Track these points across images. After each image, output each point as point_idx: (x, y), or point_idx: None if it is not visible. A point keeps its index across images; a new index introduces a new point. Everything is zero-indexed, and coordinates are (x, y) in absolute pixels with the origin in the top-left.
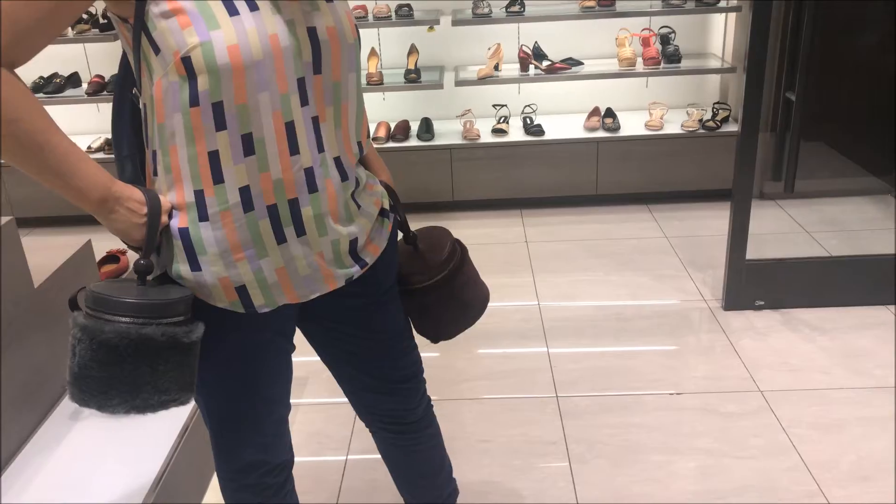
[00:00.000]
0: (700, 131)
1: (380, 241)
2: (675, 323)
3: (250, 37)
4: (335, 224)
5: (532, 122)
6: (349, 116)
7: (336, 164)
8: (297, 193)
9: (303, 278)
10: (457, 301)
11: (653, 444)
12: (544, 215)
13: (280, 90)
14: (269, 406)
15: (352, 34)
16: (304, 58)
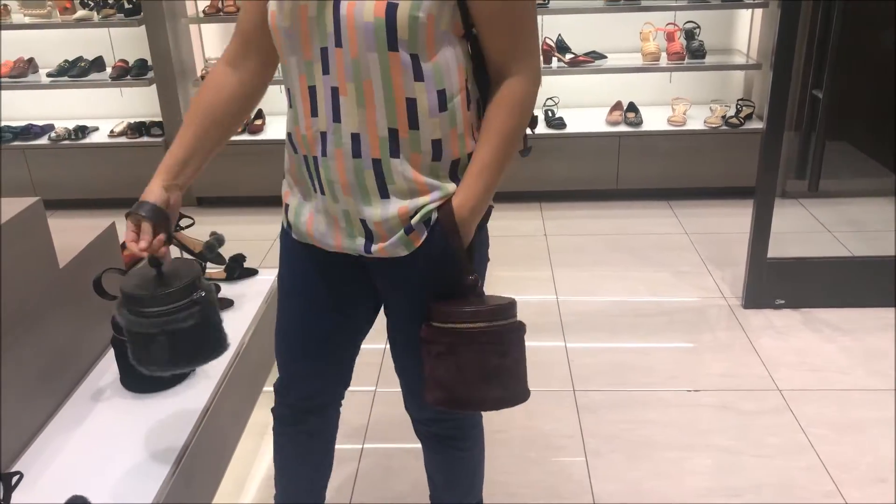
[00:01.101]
0: (723, 128)
1: (391, 247)
2: (693, 320)
3: (284, 5)
4: (345, 196)
5: (554, 115)
6: (376, 99)
7: (353, 140)
8: (315, 152)
9: (324, 227)
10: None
11: (669, 440)
12: (564, 209)
13: (304, 56)
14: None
15: (372, 14)
16: (327, 29)
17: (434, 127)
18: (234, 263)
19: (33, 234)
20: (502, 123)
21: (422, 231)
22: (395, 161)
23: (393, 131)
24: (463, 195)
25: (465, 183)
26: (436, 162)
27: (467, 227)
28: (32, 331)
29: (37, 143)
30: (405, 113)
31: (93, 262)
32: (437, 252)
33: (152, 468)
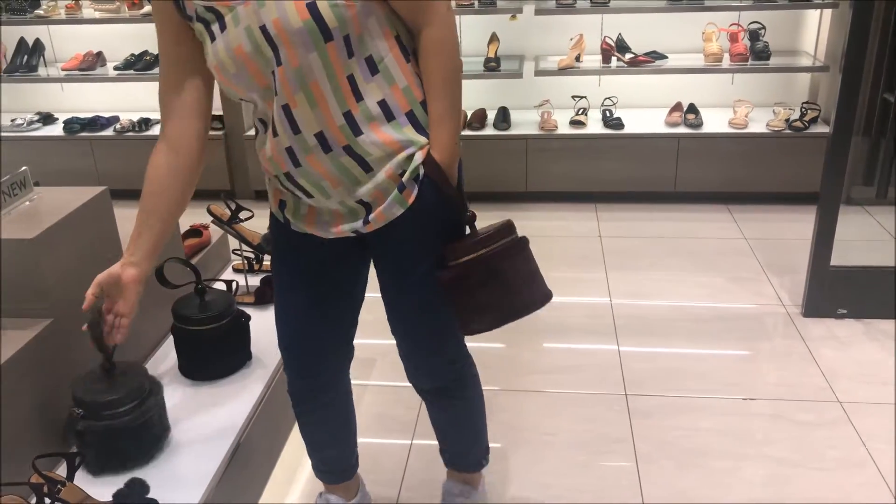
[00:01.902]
0: (786, 131)
1: (387, 209)
2: (751, 327)
3: (221, 55)
4: (336, 188)
5: (611, 115)
6: (325, 93)
7: (319, 139)
8: (286, 168)
9: (327, 217)
10: (494, 288)
11: (722, 449)
12: (619, 210)
13: (261, 86)
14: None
15: (298, 18)
16: (266, 54)
17: (374, 91)
18: None
19: (100, 221)
20: (438, 71)
21: (412, 187)
22: (360, 138)
23: (347, 114)
24: (437, 145)
25: (434, 135)
26: (392, 120)
27: (451, 170)
28: None
29: (102, 135)
30: (350, 91)
31: None
32: (430, 202)
33: (207, 455)
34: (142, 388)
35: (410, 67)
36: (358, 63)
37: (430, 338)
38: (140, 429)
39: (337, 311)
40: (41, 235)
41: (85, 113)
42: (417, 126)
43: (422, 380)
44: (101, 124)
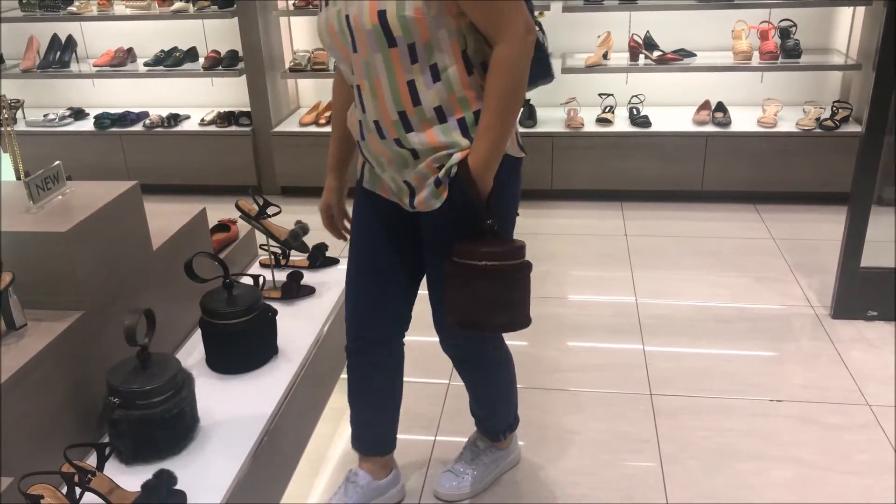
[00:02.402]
0: (816, 131)
1: (426, 197)
2: (778, 328)
3: (320, 24)
4: (389, 164)
5: (639, 113)
6: (383, 91)
7: (376, 126)
8: (357, 137)
9: (390, 187)
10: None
11: (748, 450)
12: (646, 209)
13: (346, 60)
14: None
15: (369, 21)
16: (347, 38)
17: (433, 97)
18: (317, 252)
19: (131, 215)
20: (495, 87)
21: (447, 183)
22: (410, 135)
23: (402, 113)
24: (474, 152)
25: (475, 142)
26: (443, 124)
27: (482, 178)
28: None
29: (132, 130)
30: (408, 95)
31: (184, 246)
32: (459, 201)
33: (234, 447)
34: (176, 379)
35: (472, 80)
36: (421, 69)
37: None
38: (174, 419)
39: (394, 267)
40: (74, 229)
41: (115, 108)
42: (465, 132)
43: (448, 347)
44: (131, 119)
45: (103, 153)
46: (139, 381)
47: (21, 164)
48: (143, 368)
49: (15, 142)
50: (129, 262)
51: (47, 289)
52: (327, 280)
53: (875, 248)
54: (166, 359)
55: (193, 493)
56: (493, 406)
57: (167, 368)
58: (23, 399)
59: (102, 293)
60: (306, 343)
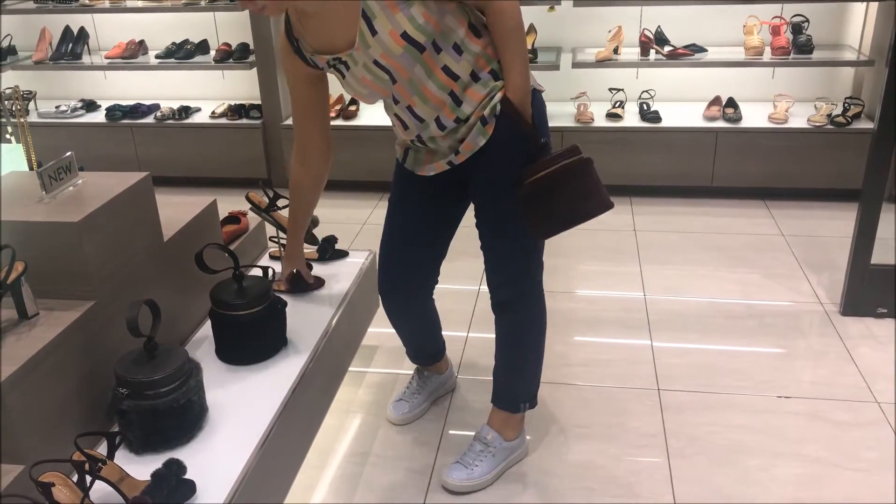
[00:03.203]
0: (828, 127)
1: (472, 139)
2: (787, 324)
3: (354, 85)
4: (443, 141)
5: (649, 108)
6: (431, 90)
7: (436, 122)
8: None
9: (429, 164)
10: (558, 200)
11: (756, 447)
12: (655, 204)
13: (386, 97)
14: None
15: (398, 47)
16: (383, 77)
17: (464, 67)
18: (326, 244)
19: (142, 207)
20: (500, 29)
21: (492, 121)
22: (462, 106)
23: (451, 94)
24: (509, 86)
25: (507, 79)
26: (479, 81)
27: (524, 106)
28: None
29: (143, 122)
30: (447, 77)
31: (194, 238)
32: (506, 134)
33: (242, 437)
34: (183, 369)
35: (484, 40)
36: (447, 53)
37: (506, 246)
38: (182, 409)
39: (429, 234)
40: (86, 219)
41: (127, 100)
42: (496, 77)
43: (496, 290)
44: (142, 111)
45: (114, 145)
46: (146, 372)
47: (34, 155)
48: (150, 359)
49: (28, 133)
50: (140, 253)
51: (59, 278)
52: (336, 272)
53: (886, 245)
54: (174, 349)
55: (202, 482)
56: (523, 364)
57: (174, 359)
58: (34, 388)
59: (113, 283)
60: (315, 335)
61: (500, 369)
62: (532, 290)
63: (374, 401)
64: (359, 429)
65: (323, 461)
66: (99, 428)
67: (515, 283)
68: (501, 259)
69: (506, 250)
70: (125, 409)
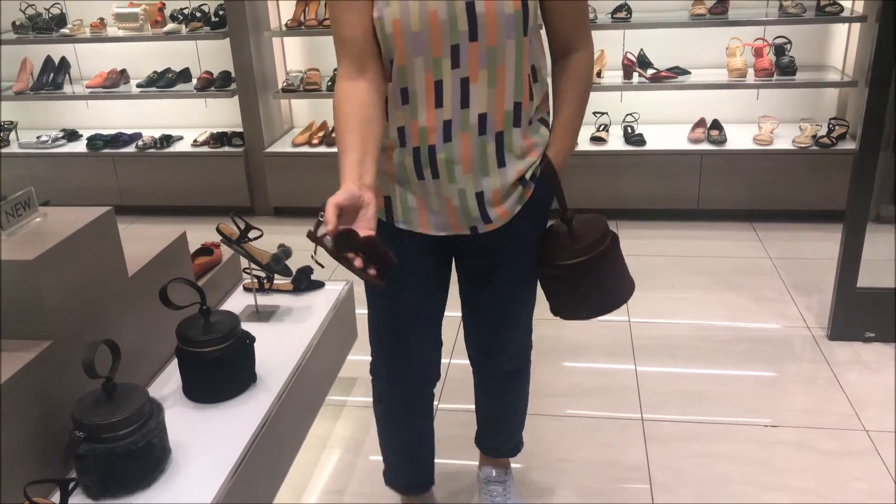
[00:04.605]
0: (813, 148)
1: (510, 206)
2: (774, 350)
3: (412, 13)
4: (465, 174)
5: (633, 132)
6: (506, 77)
7: (479, 120)
8: (433, 141)
9: (434, 214)
10: (595, 286)
11: (743, 478)
12: (641, 228)
13: (434, 54)
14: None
15: (512, 7)
16: (461, 27)
17: (537, 94)
18: (301, 275)
19: (105, 242)
20: (578, 86)
21: (531, 186)
22: (516, 130)
23: (518, 104)
24: (556, 148)
25: (557, 138)
26: (536, 123)
27: (562, 173)
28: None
29: (125, 151)
30: (528, 85)
31: (162, 272)
32: (540, 200)
33: (207, 479)
34: (143, 411)
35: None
36: (529, 66)
37: (516, 326)
38: (141, 451)
39: (433, 324)
40: (42, 257)
41: (109, 129)
42: (547, 129)
43: (497, 365)
44: (123, 141)
45: (96, 175)
46: (103, 414)
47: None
48: (108, 400)
49: None
50: (102, 290)
51: (14, 317)
52: (311, 304)
53: (873, 266)
54: (134, 389)
55: None
56: (522, 416)
57: (134, 399)
58: None
59: (73, 322)
60: (286, 370)
61: (502, 425)
62: (528, 353)
63: (351, 436)
64: (336, 465)
65: (297, 498)
66: (56, 474)
67: (525, 347)
68: (511, 327)
69: (519, 317)
70: (82, 452)
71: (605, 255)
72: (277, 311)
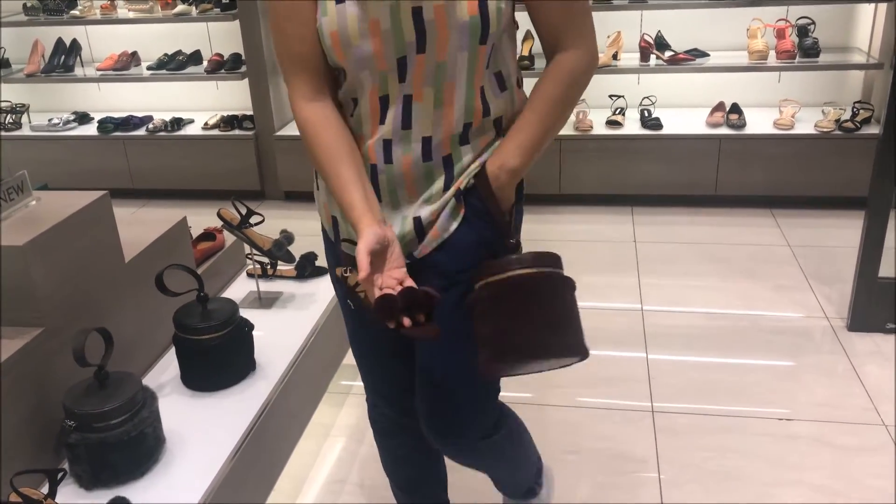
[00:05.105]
0: (836, 132)
1: (442, 226)
2: (791, 340)
3: (350, 23)
4: (409, 202)
5: (650, 115)
6: (456, 97)
7: (423, 143)
8: (375, 160)
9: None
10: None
11: (755, 474)
12: (657, 214)
13: (378, 67)
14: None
15: (466, 13)
16: (407, 38)
17: (498, 105)
18: (305, 261)
19: (100, 227)
20: (547, 90)
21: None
22: (464, 148)
23: (467, 125)
24: (498, 160)
25: (502, 147)
26: (498, 139)
27: (505, 190)
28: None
29: (135, 134)
30: (481, 102)
31: (160, 258)
32: (475, 216)
33: (201, 469)
34: (135, 399)
35: (521, 93)
36: (488, 77)
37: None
38: (133, 441)
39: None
40: (33, 242)
41: (119, 112)
42: None
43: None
44: (134, 124)
45: (106, 158)
46: (95, 403)
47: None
48: (100, 389)
49: None
50: (96, 276)
51: (5, 305)
52: (315, 290)
53: None
54: (127, 378)
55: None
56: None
57: (126, 388)
58: None
59: (66, 309)
60: (287, 357)
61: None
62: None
63: (355, 424)
64: (338, 454)
65: (297, 489)
66: (48, 464)
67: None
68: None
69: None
70: (73, 442)
71: (538, 282)
72: (280, 297)
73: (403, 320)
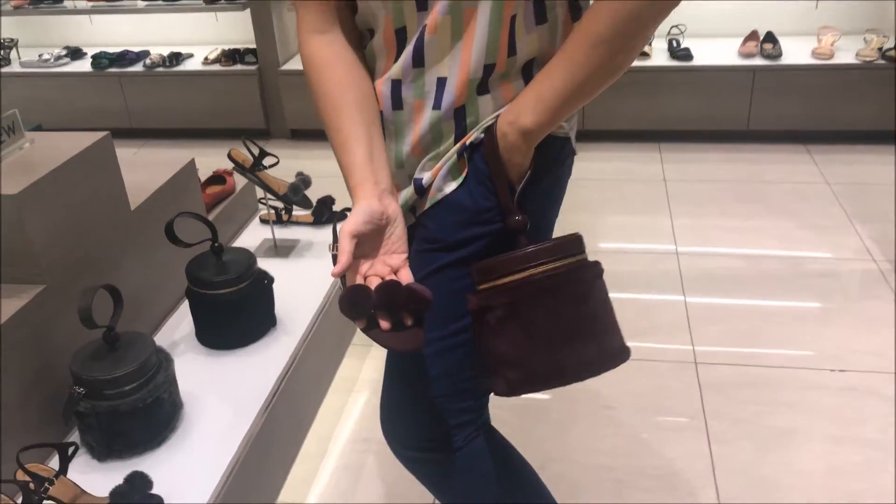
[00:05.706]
0: (879, 62)
1: (437, 185)
2: (837, 285)
3: None
4: (414, 157)
5: (679, 46)
6: (475, 32)
7: (438, 86)
8: (382, 105)
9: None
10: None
11: (808, 430)
12: (687, 150)
13: None
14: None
15: None
16: None
17: (530, 44)
18: (322, 206)
19: (101, 172)
20: (587, 27)
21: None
22: (482, 99)
23: (488, 67)
24: (513, 111)
25: (521, 95)
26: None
27: (513, 153)
28: (102, 278)
29: (132, 70)
30: (507, 39)
31: (169, 204)
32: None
33: (223, 436)
34: (149, 363)
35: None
36: (525, 4)
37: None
38: (148, 409)
39: None
40: (27, 190)
41: (114, 47)
42: None
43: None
44: (129, 59)
45: (102, 95)
46: (105, 368)
47: None
48: (110, 351)
49: None
50: (100, 227)
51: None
52: None
53: None
54: (139, 339)
55: (176, 491)
56: None
57: (139, 350)
58: None
59: (68, 264)
60: (309, 313)
61: None
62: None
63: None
64: (362, 410)
65: (322, 448)
66: (54, 435)
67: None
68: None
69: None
70: (83, 410)
71: (564, 275)
72: (297, 245)
73: (381, 321)
